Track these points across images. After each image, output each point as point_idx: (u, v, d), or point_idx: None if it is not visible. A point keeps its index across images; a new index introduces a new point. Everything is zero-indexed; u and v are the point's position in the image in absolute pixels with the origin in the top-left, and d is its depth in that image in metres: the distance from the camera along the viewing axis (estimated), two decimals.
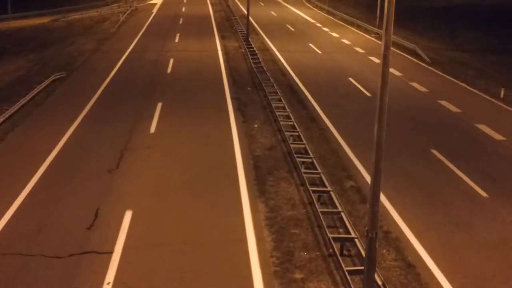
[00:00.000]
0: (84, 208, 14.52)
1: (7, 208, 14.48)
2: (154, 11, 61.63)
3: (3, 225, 13.63)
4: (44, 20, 56.22)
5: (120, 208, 14.47)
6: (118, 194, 15.41)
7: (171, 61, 33.49)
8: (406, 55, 36.79)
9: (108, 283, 11.32)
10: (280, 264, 12.22)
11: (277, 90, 25.70)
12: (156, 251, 12.59)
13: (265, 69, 30.35)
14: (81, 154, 18.38)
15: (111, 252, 12.42)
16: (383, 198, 15.01)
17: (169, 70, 31.27)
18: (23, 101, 23.96)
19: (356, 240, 12.66)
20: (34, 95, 25.28)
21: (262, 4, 70.86)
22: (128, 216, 14.07)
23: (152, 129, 20.98)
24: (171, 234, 13.34)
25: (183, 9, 63.59)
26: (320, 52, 37.50)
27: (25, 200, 14.97)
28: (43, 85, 26.87)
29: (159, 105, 23.82)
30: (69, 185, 15.97)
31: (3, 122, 21.47)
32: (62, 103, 24.40)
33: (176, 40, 41.82)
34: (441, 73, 31.69)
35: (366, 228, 10.58)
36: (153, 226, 13.67)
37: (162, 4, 69.01)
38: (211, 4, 69.54)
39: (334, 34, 45.92)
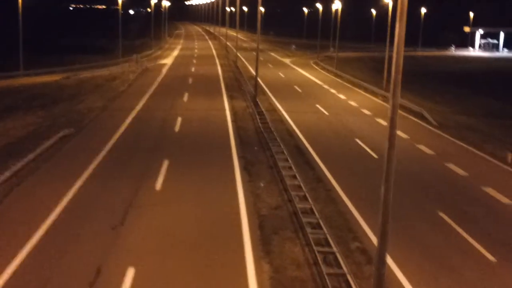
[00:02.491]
0: (87, 265, 14.36)
1: (10, 264, 14.33)
2: (164, 70, 62.64)
3: (5, 280, 13.47)
4: (55, 77, 57.17)
5: (123, 266, 14.31)
6: (121, 251, 15.27)
7: (179, 119, 33.80)
8: (413, 118, 37.01)
9: None
10: None
11: (284, 150, 25.77)
12: None
13: (272, 129, 30.54)
14: (85, 211, 18.32)
15: None
16: (389, 261, 14.79)
17: (177, 129, 31.51)
18: (31, 156, 24.08)
19: None
20: (42, 151, 25.43)
21: (271, 66, 71.97)
22: (130, 273, 13.90)
23: (158, 186, 20.98)
24: None
25: (193, 69, 64.62)
26: (327, 113, 37.80)
27: (28, 256, 14.83)
28: (51, 141, 27.05)
29: (166, 163, 23.89)
30: (73, 241, 15.86)
31: (10, 177, 21.52)
32: (69, 160, 24.51)
33: (185, 99, 42.32)
34: (448, 136, 31.80)
35: None
36: (156, 285, 13.47)
37: (172, 64, 70.19)
38: (220, 65, 70.67)
39: (341, 96, 46.39)
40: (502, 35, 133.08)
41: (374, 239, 15.80)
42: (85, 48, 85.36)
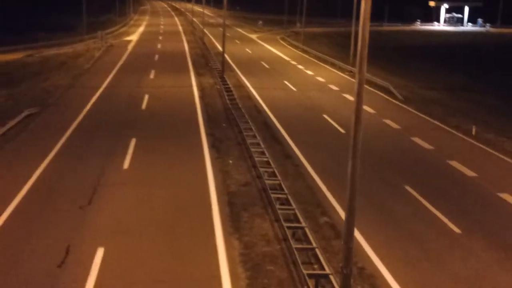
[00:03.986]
0: (55, 245, 14.23)
1: None
2: (130, 47, 61.81)
3: None
4: (18, 55, 55.93)
5: (92, 245, 14.22)
6: (89, 231, 15.17)
7: (146, 97, 33.46)
8: (380, 93, 37.31)
9: None
10: None
11: (252, 127, 25.77)
12: None
13: (240, 106, 30.49)
14: (52, 190, 18.11)
15: None
16: (357, 234, 15.00)
17: (143, 106, 31.21)
18: None
19: (331, 276, 12.58)
20: (6, 130, 24.97)
21: (238, 41, 71.59)
22: (100, 253, 13.83)
23: (126, 165, 20.81)
24: (144, 272, 13.11)
25: (159, 45, 63.88)
26: (295, 89, 37.85)
27: None
28: (15, 120, 26.57)
29: (133, 141, 23.69)
30: (40, 221, 15.68)
31: None
32: (35, 139, 24.12)
33: (152, 76, 41.89)
34: (414, 111, 32.17)
35: (341, 265, 10.56)
36: (126, 264, 13.43)
37: (138, 41, 69.29)
38: (187, 41, 70.02)
39: (309, 72, 46.46)
40: (466, 9, 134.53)
41: (342, 214, 15.96)
42: (48, 25, 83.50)
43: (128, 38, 72.67)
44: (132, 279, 12.75)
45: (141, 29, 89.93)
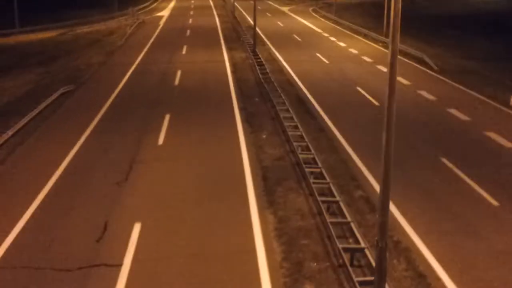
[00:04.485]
0: (93, 220, 14.52)
1: (17, 221, 14.52)
2: (161, 23, 61.91)
3: (13, 238, 13.67)
4: (52, 34, 56.59)
5: (129, 221, 14.46)
6: (127, 207, 15.41)
7: (179, 72, 33.58)
8: (414, 63, 36.71)
9: None
10: (290, 275, 12.16)
11: (285, 101, 25.66)
12: (165, 263, 12.56)
13: (273, 80, 30.36)
14: (89, 167, 18.41)
15: (120, 265, 12.41)
16: (392, 208, 14.91)
17: (176, 82, 31.34)
18: (31, 114, 24.06)
19: (366, 250, 12.58)
20: (43, 109, 25.38)
21: (269, 14, 71.05)
22: (137, 228, 14.06)
23: (160, 141, 21.01)
24: (180, 246, 13.31)
25: (190, 21, 63.85)
26: (327, 62, 37.50)
27: (35, 213, 15.00)
28: (51, 98, 26.99)
29: (167, 117, 23.86)
30: (78, 198, 15.99)
31: (12, 135, 21.56)
32: (70, 117, 24.48)
33: (183, 52, 41.96)
34: (449, 81, 31.59)
35: (376, 238, 10.53)
36: (162, 239, 13.64)
37: (169, 17, 69.34)
38: (218, 15, 69.80)
39: (341, 44, 45.93)
40: None
41: (377, 187, 15.90)
42: (80, 2, 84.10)
43: (159, 14, 72.78)
44: (169, 253, 12.95)
45: (172, 4, 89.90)
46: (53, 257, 12.80)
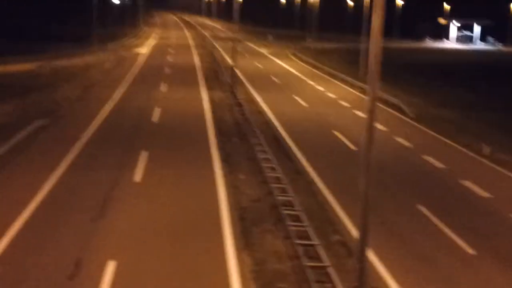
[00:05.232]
0: (66, 257, 14.16)
1: None
2: (141, 60, 62.06)
3: None
4: (28, 66, 56.11)
5: (103, 258, 14.14)
6: (101, 244, 15.10)
7: (157, 110, 33.52)
8: (390, 110, 37.20)
9: None
10: None
11: (262, 142, 25.71)
12: None
13: (251, 121, 30.46)
14: (63, 203, 18.08)
15: None
16: (370, 253, 14.83)
17: (155, 120, 31.25)
18: (4, 148, 23.63)
19: None
20: (16, 142, 24.96)
21: (248, 56, 71.75)
22: (111, 266, 13.74)
23: (137, 178, 20.79)
24: (155, 286, 13.02)
25: (170, 59, 64.12)
26: (305, 105, 37.83)
27: (6, 250, 14.58)
28: (25, 132, 26.61)
29: (145, 154, 23.68)
30: (51, 235, 15.61)
31: None
32: (45, 151, 24.13)
33: (163, 89, 41.99)
34: (425, 129, 32.04)
35: (354, 284, 10.45)
36: (136, 278, 13.34)
37: (149, 54, 69.58)
38: (198, 54, 70.26)
39: (320, 88, 46.46)
40: (477, 27, 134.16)
41: (355, 232, 15.85)
42: (59, 35, 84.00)
43: (138, 50, 72.99)
44: None
45: (152, 41, 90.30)
46: None
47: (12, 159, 22.80)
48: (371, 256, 14.83)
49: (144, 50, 74.67)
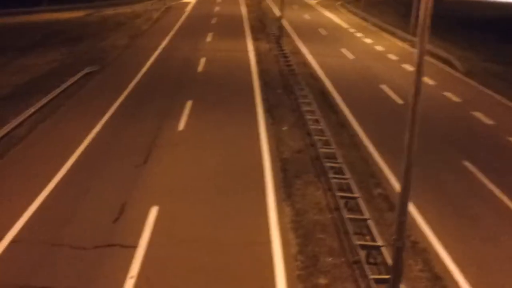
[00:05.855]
0: (111, 201, 14.55)
1: (36, 196, 14.61)
2: (188, 9, 61.86)
3: (32, 214, 13.74)
4: (78, 14, 56.80)
5: (146, 203, 14.47)
6: (144, 190, 15.42)
7: (203, 60, 33.53)
8: (440, 64, 36.27)
9: (132, 277, 11.32)
10: (304, 268, 12.08)
11: (307, 94, 25.51)
12: (180, 248, 12.56)
13: (296, 72, 30.18)
14: (109, 149, 18.46)
15: (135, 247, 12.43)
16: (411, 208, 14.73)
17: (200, 69, 31.30)
18: (54, 93, 24.19)
19: (383, 249, 12.44)
20: (66, 87, 25.50)
21: (296, 7, 70.60)
22: (154, 211, 14.06)
23: (181, 126, 20.99)
24: (196, 232, 13.29)
25: (217, 8, 63.70)
26: (352, 58, 37.21)
27: (54, 191, 15.07)
28: (75, 78, 27.11)
29: (189, 103, 23.83)
30: (97, 178, 16.04)
31: (34, 113, 21.68)
32: (93, 97, 24.58)
33: (208, 39, 41.89)
34: (476, 84, 31.17)
35: (393, 237, 10.41)
36: (178, 223, 13.63)
37: (196, 3, 69.25)
38: (245, 5, 69.55)
39: (367, 40, 45.54)
40: None
41: (397, 186, 15.74)
42: None
43: (186, 0, 72.68)
44: (185, 239, 12.93)
45: None
46: (70, 234, 12.85)
47: (63, 103, 23.35)
48: (412, 210, 14.75)
49: None
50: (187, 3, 68.80)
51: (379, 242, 12.72)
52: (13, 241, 12.46)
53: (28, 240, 12.55)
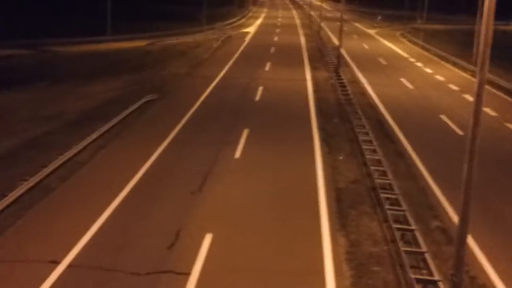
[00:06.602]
0: (166, 228, 14.73)
1: (93, 223, 14.91)
2: (247, 39, 62.75)
3: (88, 239, 14.02)
4: (141, 43, 58.45)
5: (201, 230, 14.57)
6: (199, 217, 15.55)
7: (260, 88, 33.83)
8: (503, 95, 35.39)
9: None
10: None
11: (365, 123, 25.31)
12: (233, 276, 12.55)
13: (354, 102, 30.05)
14: (166, 175, 18.75)
15: (188, 274, 12.49)
16: (470, 241, 14.32)
17: (257, 98, 31.58)
18: (115, 120, 24.84)
19: (440, 283, 12.09)
20: (127, 115, 26.15)
21: (355, 37, 70.62)
22: (208, 239, 14.14)
23: (237, 154, 21.15)
24: (249, 260, 13.27)
25: (276, 38, 64.37)
26: (411, 87, 36.79)
27: (111, 216, 15.37)
28: (135, 106, 27.79)
29: (246, 132, 24.02)
30: (154, 204, 16.29)
31: (96, 139, 22.29)
32: (152, 125, 25.11)
33: (267, 68, 42.29)
34: None
35: (451, 272, 10.13)
36: (232, 252, 13.65)
37: (255, 33, 70.22)
38: (303, 35, 70.03)
39: (428, 70, 44.99)
40: None
41: (456, 219, 15.33)
42: (170, 15, 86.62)
43: (245, 30, 73.83)
44: (237, 267, 12.93)
45: (258, 21, 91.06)
46: (124, 260, 13.05)
47: (123, 130, 23.94)
48: (471, 243, 14.31)
49: (251, 29, 75.44)
50: (247, 33, 69.84)
51: (436, 277, 12.37)
52: (70, 266, 12.73)
53: (84, 265, 12.79)
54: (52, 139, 22.50)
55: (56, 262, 12.76)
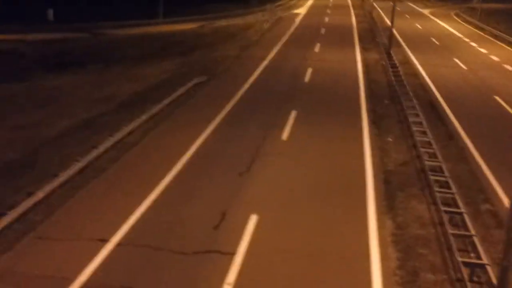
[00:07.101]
0: (213, 208, 14.92)
1: (144, 200, 15.25)
2: (298, 20, 62.32)
3: (137, 218, 14.33)
4: (192, 26, 58.83)
5: (247, 212, 14.70)
6: (246, 197, 15.68)
7: (309, 70, 33.64)
8: None
9: (228, 284, 11.52)
10: (403, 283, 11.79)
11: (416, 105, 24.88)
12: (278, 257, 12.63)
13: (405, 83, 29.54)
14: (214, 156, 18.93)
15: (234, 254, 12.65)
16: None
17: (306, 79, 31.42)
18: (166, 101, 25.18)
19: (488, 267, 11.89)
20: (177, 96, 26.47)
21: (408, 16, 69.26)
22: (253, 220, 14.26)
23: (285, 136, 21.15)
24: (295, 242, 13.33)
25: (326, 19, 63.72)
26: (465, 68, 35.91)
27: (159, 196, 15.66)
28: (185, 87, 28.08)
29: (294, 113, 23.98)
30: (201, 184, 16.50)
31: (147, 120, 22.66)
32: (201, 107, 25.32)
33: (317, 49, 41.97)
34: None
35: (500, 256, 9.94)
36: (277, 233, 13.73)
37: (306, 14, 69.66)
38: (355, 15, 69.10)
39: (482, 50, 43.80)
40: None
41: (507, 202, 15.02)
42: None
43: (296, 11, 73.31)
44: (282, 248, 13.00)
45: (310, 2, 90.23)
46: (171, 239, 13.30)
47: (174, 111, 24.24)
48: None
49: (302, 10, 74.86)
50: (297, 14, 69.36)
51: (485, 260, 12.17)
52: (119, 244, 13.06)
53: (132, 243, 13.10)
54: (105, 120, 22.99)
55: (106, 241, 13.12)
